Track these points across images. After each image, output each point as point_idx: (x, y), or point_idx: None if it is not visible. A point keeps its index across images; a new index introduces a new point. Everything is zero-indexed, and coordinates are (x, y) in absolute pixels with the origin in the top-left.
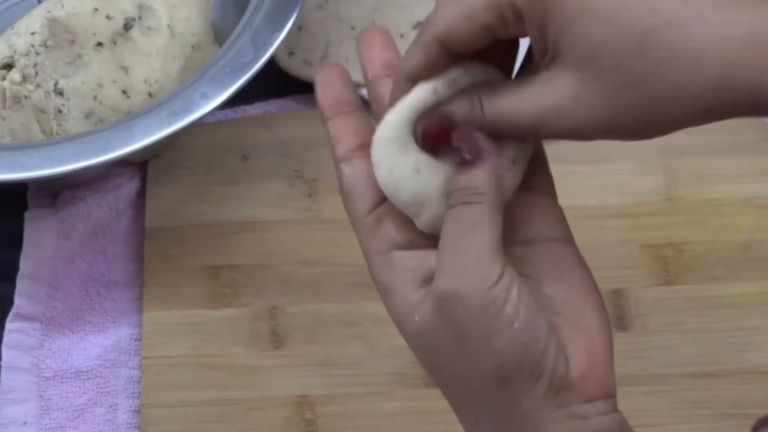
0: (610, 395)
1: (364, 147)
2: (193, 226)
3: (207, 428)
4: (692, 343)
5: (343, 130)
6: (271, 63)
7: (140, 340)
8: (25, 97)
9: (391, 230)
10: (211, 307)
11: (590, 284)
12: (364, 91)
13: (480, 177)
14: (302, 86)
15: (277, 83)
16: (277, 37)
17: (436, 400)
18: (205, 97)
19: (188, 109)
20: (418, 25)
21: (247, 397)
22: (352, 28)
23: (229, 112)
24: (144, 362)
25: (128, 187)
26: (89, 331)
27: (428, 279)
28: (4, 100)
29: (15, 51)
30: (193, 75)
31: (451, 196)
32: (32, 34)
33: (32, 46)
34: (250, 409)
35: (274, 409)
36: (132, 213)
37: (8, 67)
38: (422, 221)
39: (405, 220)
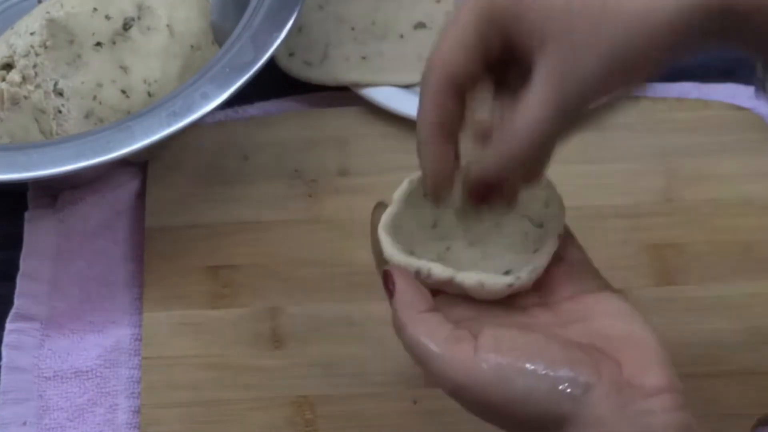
0: (674, 389)
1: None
2: (193, 226)
3: (207, 428)
4: (692, 343)
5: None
6: (272, 63)
7: (140, 340)
8: (25, 98)
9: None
10: (211, 307)
11: (630, 309)
12: (365, 91)
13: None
14: (302, 86)
15: (277, 83)
16: (277, 37)
17: (436, 400)
18: (205, 97)
19: (188, 109)
20: (418, 25)
21: (247, 397)
22: (352, 29)
23: (229, 112)
24: (144, 362)
25: (128, 187)
26: (89, 331)
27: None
28: (2, 102)
29: (15, 51)
30: (193, 75)
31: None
32: (31, 34)
33: (32, 46)
34: (250, 409)
35: (274, 409)
36: (132, 213)
37: (8, 67)
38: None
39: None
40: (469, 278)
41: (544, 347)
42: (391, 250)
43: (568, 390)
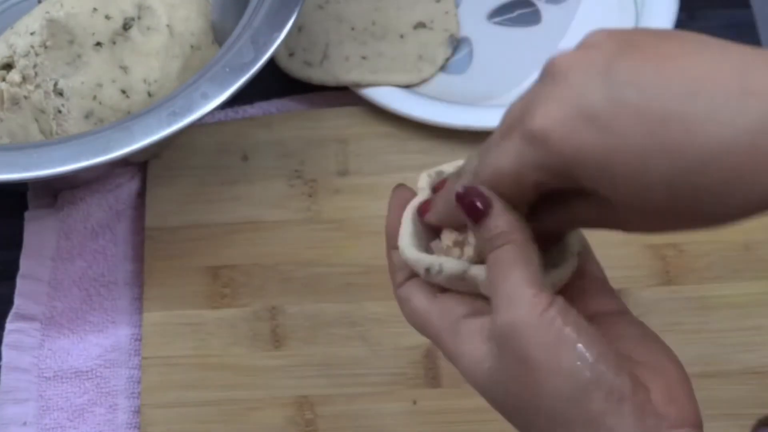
0: (698, 424)
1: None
2: (193, 226)
3: (207, 428)
4: (692, 343)
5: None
6: (272, 63)
7: (140, 340)
8: (25, 97)
9: (452, 305)
10: (211, 307)
11: (653, 335)
12: (365, 91)
13: (501, 220)
14: (302, 86)
15: (277, 83)
16: (277, 37)
17: (436, 400)
18: (205, 97)
19: (188, 109)
20: (418, 25)
21: (247, 397)
22: (352, 29)
23: (229, 112)
24: (144, 362)
25: (128, 187)
26: (89, 331)
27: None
28: (2, 102)
29: (15, 51)
30: (193, 75)
31: (483, 247)
32: (31, 34)
33: (32, 47)
34: (250, 409)
35: (274, 409)
36: (132, 213)
37: (8, 67)
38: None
39: (463, 295)
40: (483, 272)
41: (599, 339)
42: (407, 241)
43: (607, 392)
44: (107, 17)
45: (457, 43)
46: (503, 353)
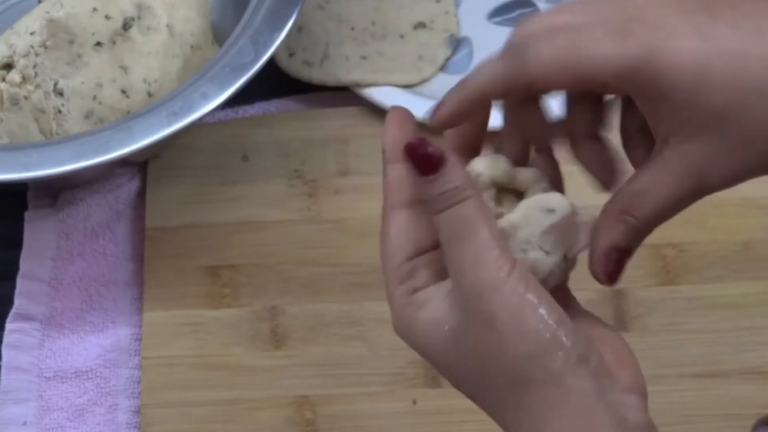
0: (642, 393)
1: (417, 203)
2: (193, 226)
3: (207, 428)
4: (692, 343)
5: (402, 180)
6: (272, 63)
7: (140, 340)
8: (25, 98)
9: (422, 278)
10: (211, 307)
11: (595, 316)
12: (365, 91)
13: (455, 174)
14: (302, 86)
15: (277, 83)
16: (277, 37)
17: (436, 400)
18: (205, 97)
19: (188, 109)
20: (418, 25)
21: (247, 397)
22: (352, 29)
23: (229, 112)
24: (144, 362)
25: (128, 187)
26: (89, 331)
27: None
28: (2, 102)
29: (15, 51)
30: (193, 75)
31: (433, 204)
32: (31, 34)
33: (32, 47)
34: (250, 409)
35: (274, 409)
36: (132, 213)
37: (8, 67)
38: None
39: (439, 271)
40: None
41: (556, 306)
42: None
43: (566, 353)
44: (107, 17)
45: (457, 43)
46: (468, 314)
